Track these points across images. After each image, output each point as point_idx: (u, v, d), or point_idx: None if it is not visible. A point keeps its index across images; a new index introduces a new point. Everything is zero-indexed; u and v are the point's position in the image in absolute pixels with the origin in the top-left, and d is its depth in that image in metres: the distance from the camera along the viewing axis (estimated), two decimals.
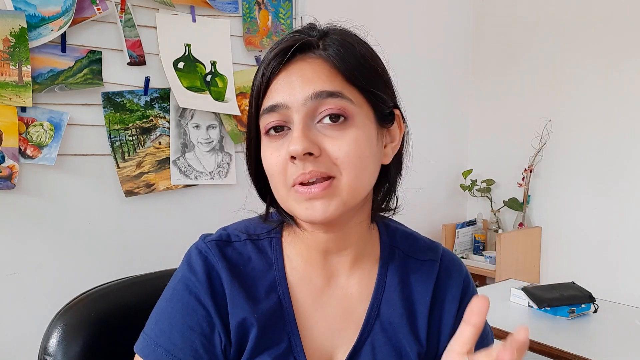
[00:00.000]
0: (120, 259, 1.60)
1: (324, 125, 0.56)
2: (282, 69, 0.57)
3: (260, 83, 0.58)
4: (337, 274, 0.65)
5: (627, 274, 2.10)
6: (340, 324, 0.64)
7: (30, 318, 1.45)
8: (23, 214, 1.45)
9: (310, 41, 0.58)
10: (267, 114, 0.57)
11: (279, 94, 0.57)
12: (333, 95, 0.56)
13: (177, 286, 0.62)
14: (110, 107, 1.58)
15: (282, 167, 0.56)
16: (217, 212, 1.75)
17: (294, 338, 0.62)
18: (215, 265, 0.62)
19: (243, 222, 0.69)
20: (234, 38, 1.81)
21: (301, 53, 0.58)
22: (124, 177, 1.61)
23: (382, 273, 0.67)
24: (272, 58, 0.57)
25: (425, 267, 0.68)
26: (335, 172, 0.56)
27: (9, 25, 1.37)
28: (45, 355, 0.69)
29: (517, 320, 1.34)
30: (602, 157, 2.18)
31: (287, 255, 0.65)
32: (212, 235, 0.66)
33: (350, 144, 0.56)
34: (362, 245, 0.66)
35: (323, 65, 0.57)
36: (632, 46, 2.07)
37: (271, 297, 0.62)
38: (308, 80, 0.56)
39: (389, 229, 0.71)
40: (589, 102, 2.21)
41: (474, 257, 2.47)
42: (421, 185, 2.49)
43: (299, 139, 0.54)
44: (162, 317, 0.60)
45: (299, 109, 0.56)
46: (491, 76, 2.59)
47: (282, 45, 0.58)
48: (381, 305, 0.65)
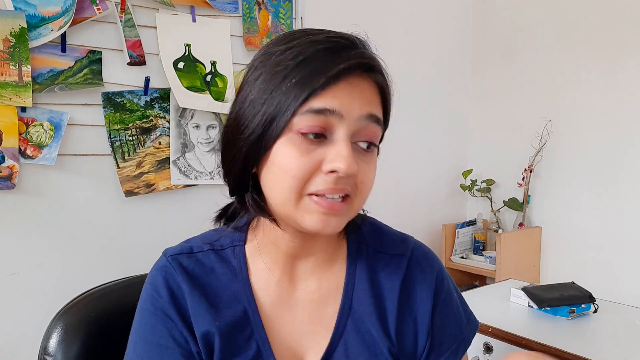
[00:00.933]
0: (120, 259, 1.60)
1: (358, 148, 0.58)
2: (343, 78, 0.56)
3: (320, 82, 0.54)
4: (303, 278, 0.66)
5: (627, 274, 2.10)
6: (308, 327, 0.64)
7: (30, 318, 1.45)
8: (23, 214, 1.45)
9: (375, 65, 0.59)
10: (314, 115, 0.54)
11: (336, 100, 0.55)
12: (378, 123, 0.58)
13: (144, 305, 0.62)
14: (110, 107, 1.58)
15: (308, 173, 0.55)
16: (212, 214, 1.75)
17: (263, 343, 0.62)
18: (175, 278, 0.62)
19: (207, 233, 0.69)
20: (234, 38, 1.81)
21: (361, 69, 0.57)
22: (124, 177, 1.61)
23: (351, 272, 0.67)
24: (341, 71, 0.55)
25: (394, 261, 0.68)
26: (354, 193, 0.57)
27: (9, 25, 1.37)
28: (45, 355, 0.69)
29: (517, 320, 1.34)
30: (602, 157, 2.17)
31: (252, 262, 0.65)
32: (172, 248, 0.66)
33: (373, 171, 0.60)
34: (330, 249, 0.67)
35: (376, 90, 0.59)
36: (632, 46, 2.07)
37: (234, 306, 0.62)
38: (367, 100, 0.57)
39: (356, 224, 0.69)
40: (589, 102, 2.21)
41: (474, 257, 2.47)
42: (421, 185, 2.50)
43: (351, 158, 0.54)
44: (139, 340, 0.61)
45: (351, 124, 0.56)
46: (491, 76, 2.59)
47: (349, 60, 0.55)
48: (352, 304, 0.65)
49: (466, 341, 0.70)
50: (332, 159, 0.54)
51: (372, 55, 0.59)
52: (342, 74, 0.55)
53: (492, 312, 1.38)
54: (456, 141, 2.67)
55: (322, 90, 0.54)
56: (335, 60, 0.55)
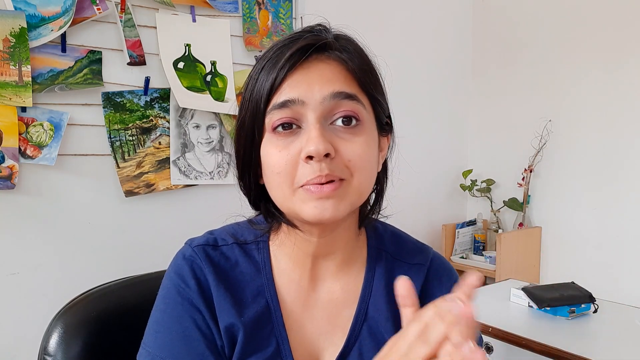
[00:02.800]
0: (120, 259, 1.60)
1: (337, 127, 0.56)
2: (300, 66, 0.56)
3: (275, 78, 0.56)
4: (323, 278, 0.65)
5: (627, 274, 2.10)
6: (326, 327, 0.64)
7: (30, 318, 1.45)
8: (23, 214, 1.45)
9: (328, 42, 0.58)
10: (278, 110, 0.56)
11: (294, 90, 0.55)
12: (350, 98, 0.56)
13: (169, 294, 0.62)
14: (110, 107, 1.58)
15: (291, 165, 0.56)
16: (217, 212, 1.75)
17: (282, 341, 0.62)
18: (202, 269, 0.62)
19: (230, 226, 0.69)
20: (234, 38, 1.81)
21: (317, 53, 0.57)
22: (124, 177, 1.61)
23: (369, 277, 0.67)
24: (291, 55, 0.56)
25: (412, 271, 0.68)
26: (347, 174, 0.56)
27: (9, 25, 1.37)
28: (45, 355, 0.69)
29: (517, 320, 1.34)
30: (602, 157, 2.17)
31: (275, 259, 0.65)
32: (198, 239, 0.66)
33: (363, 147, 0.57)
34: (350, 250, 0.66)
35: (340, 68, 0.58)
36: (632, 46, 2.07)
37: (259, 301, 0.62)
38: (327, 79, 0.56)
39: (377, 231, 0.70)
40: (589, 102, 2.21)
41: (474, 257, 2.47)
42: (421, 185, 2.50)
43: (318, 138, 0.54)
44: (161, 329, 0.60)
45: (316, 107, 0.55)
46: (491, 76, 2.59)
47: (300, 43, 0.57)
48: (368, 309, 0.65)
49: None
50: (304, 145, 0.55)
51: (325, 36, 0.59)
52: (293, 59, 0.56)
53: (492, 312, 1.38)
54: (456, 141, 2.66)
55: (279, 83, 0.56)
56: (287, 52, 0.56)
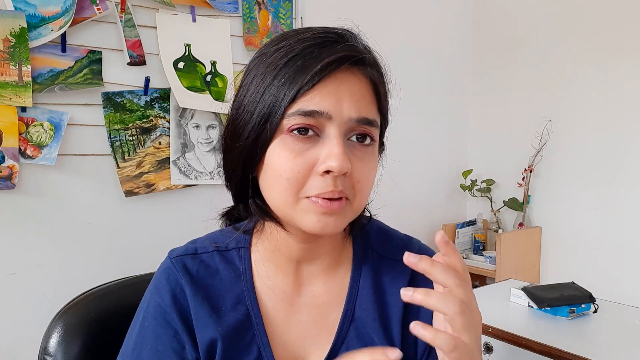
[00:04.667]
0: (120, 259, 1.60)
1: (353, 143, 0.56)
2: (331, 75, 0.54)
3: (305, 82, 0.53)
4: (308, 282, 0.65)
5: (627, 274, 2.09)
6: (312, 331, 0.64)
7: (30, 318, 1.45)
8: (23, 214, 1.45)
9: (364, 58, 0.56)
10: (301, 117, 0.54)
11: (324, 102, 0.54)
12: (370, 124, 0.56)
13: (147, 308, 0.62)
14: (110, 107, 1.58)
15: (303, 174, 0.54)
16: (217, 212, 1.75)
17: (264, 348, 0.61)
18: (179, 281, 0.62)
19: (213, 234, 0.69)
20: (234, 38, 1.81)
21: (349, 64, 0.55)
22: (124, 177, 1.61)
23: (355, 277, 0.66)
24: (328, 64, 0.53)
25: (398, 267, 0.66)
26: (351, 194, 0.56)
27: (9, 25, 1.37)
28: (45, 355, 0.69)
29: (517, 320, 1.34)
30: (602, 157, 2.17)
31: (256, 265, 0.65)
32: (178, 249, 0.66)
33: (372, 169, 0.58)
34: (336, 254, 0.66)
35: (369, 87, 0.57)
36: (632, 46, 2.07)
37: (239, 308, 0.62)
38: (357, 99, 0.55)
39: (363, 228, 0.69)
40: (589, 102, 2.21)
41: (474, 257, 2.46)
42: (421, 185, 2.50)
43: (342, 155, 0.53)
44: (138, 340, 0.61)
45: (341, 124, 0.54)
46: (491, 76, 2.59)
47: (337, 51, 0.54)
48: (355, 310, 0.65)
49: None
50: (324, 158, 0.53)
51: (361, 48, 0.57)
52: (328, 69, 0.54)
53: (492, 312, 1.38)
54: (456, 141, 2.66)
55: (308, 88, 0.53)
56: (321, 56, 0.54)
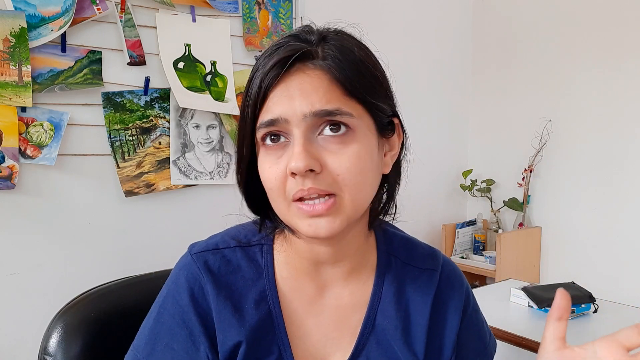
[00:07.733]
0: (120, 259, 1.60)
1: (326, 137, 0.54)
2: (281, 79, 0.54)
3: (257, 94, 0.54)
4: (330, 285, 0.64)
5: (627, 274, 2.10)
6: (333, 332, 0.63)
7: (30, 318, 1.45)
8: (23, 214, 1.45)
9: (309, 50, 0.55)
10: (265, 127, 0.55)
11: (277, 107, 0.54)
12: (331, 114, 0.53)
13: (164, 304, 0.61)
14: (110, 107, 1.58)
15: (281, 181, 0.54)
16: (217, 212, 1.75)
17: (285, 349, 0.60)
18: (199, 280, 0.60)
19: (235, 228, 0.67)
20: (234, 38, 1.81)
21: (300, 62, 0.54)
22: (124, 177, 1.61)
23: (378, 283, 0.65)
24: (270, 68, 0.54)
25: (424, 276, 0.66)
26: (336, 189, 0.54)
27: (9, 25, 1.37)
28: (45, 355, 0.69)
29: (517, 320, 1.34)
30: (602, 157, 2.17)
31: (278, 263, 0.64)
32: (199, 244, 0.64)
33: (352, 159, 0.54)
34: (359, 256, 0.65)
35: (322, 78, 0.54)
36: (632, 46, 2.07)
37: (261, 307, 0.61)
38: (307, 95, 0.53)
39: (387, 235, 0.69)
40: (589, 102, 2.21)
41: (474, 257, 2.46)
42: (421, 185, 2.50)
43: (300, 154, 0.52)
44: (151, 335, 0.60)
45: (299, 124, 0.53)
46: (491, 76, 2.59)
47: (280, 54, 0.54)
48: (377, 317, 0.64)
49: (489, 356, 0.70)
50: (289, 161, 0.53)
51: (310, 39, 0.55)
52: (275, 74, 0.53)
53: (492, 312, 1.38)
54: (456, 141, 2.66)
55: (264, 101, 0.54)
56: (269, 64, 0.54)
